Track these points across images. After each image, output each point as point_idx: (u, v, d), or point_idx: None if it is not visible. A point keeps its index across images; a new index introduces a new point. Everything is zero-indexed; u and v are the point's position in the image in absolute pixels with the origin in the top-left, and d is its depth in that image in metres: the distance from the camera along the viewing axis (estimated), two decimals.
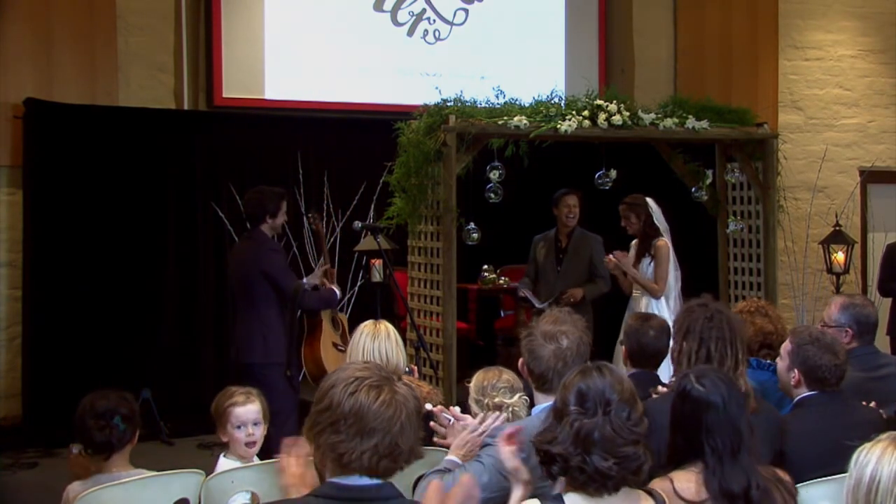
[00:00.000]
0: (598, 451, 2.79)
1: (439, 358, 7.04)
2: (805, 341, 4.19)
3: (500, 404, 4.02)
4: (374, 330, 4.48)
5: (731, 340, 3.91)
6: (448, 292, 7.02)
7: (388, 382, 2.65)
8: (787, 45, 10.63)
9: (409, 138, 7.09)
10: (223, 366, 8.87)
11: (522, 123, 7.01)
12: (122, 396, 4.10)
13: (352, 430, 2.59)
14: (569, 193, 7.86)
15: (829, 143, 10.49)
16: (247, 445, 4.28)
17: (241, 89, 9.30)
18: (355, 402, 2.60)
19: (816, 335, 4.22)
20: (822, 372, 4.13)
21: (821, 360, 4.13)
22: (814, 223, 9.75)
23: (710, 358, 3.87)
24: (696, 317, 3.97)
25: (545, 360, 3.55)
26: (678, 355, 4.00)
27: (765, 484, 3.10)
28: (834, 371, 4.14)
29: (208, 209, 8.70)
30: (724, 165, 8.24)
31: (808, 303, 9.21)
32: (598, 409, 2.82)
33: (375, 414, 2.58)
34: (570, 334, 3.59)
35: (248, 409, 4.30)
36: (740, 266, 8.23)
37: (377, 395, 2.60)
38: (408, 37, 10.04)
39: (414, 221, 7.24)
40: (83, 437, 4.01)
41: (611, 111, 7.26)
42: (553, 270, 7.79)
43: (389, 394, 2.61)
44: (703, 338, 3.91)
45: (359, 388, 2.61)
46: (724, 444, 3.09)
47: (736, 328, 3.95)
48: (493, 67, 9.87)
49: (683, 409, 3.14)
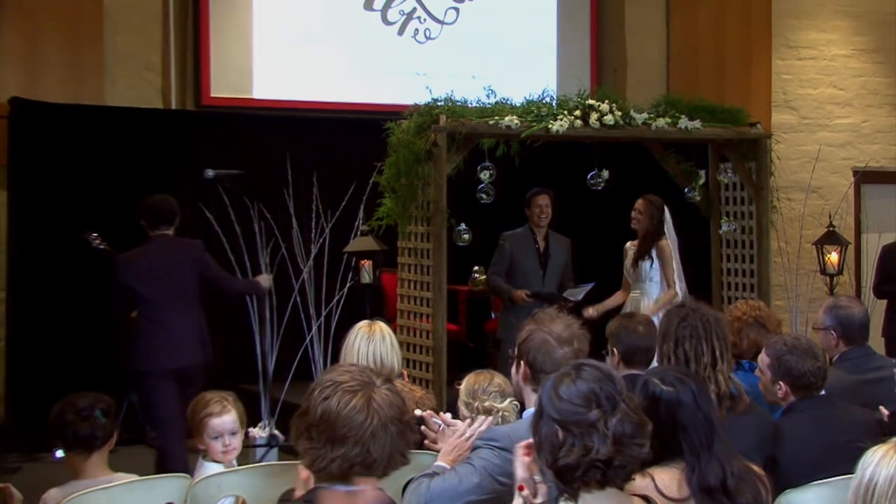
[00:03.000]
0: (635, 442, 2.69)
1: (429, 360, 7.05)
2: (782, 352, 4.19)
3: (489, 408, 4.02)
4: (370, 332, 4.47)
5: (706, 337, 3.93)
6: (438, 294, 7.01)
7: (365, 387, 2.58)
8: (781, 44, 10.63)
9: (399, 138, 7.09)
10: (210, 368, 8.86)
11: (514, 123, 7.01)
12: (100, 395, 4.10)
13: (322, 436, 2.53)
14: (540, 193, 7.86)
15: (823, 143, 10.49)
16: (223, 454, 4.26)
17: (229, 89, 9.30)
18: (326, 407, 2.54)
19: (791, 343, 4.23)
20: (807, 378, 4.14)
21: (804, 367, 4.14)
22: (807, 224, 9.74)
23: (687, 357, 3.91)
24: (672, 318, 4.02)
25: (560, 362, 3.47)
26: (660, 358, 4.05)
27: (739, 471, 3.10)
28: (818, 373, 4.16)
29: (196, 209, 8.67)
30: (716, 166, 8.24)
31: (802, 304, 9.19)
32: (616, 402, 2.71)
33: (345, 420, 2.52)
34: (580, 337, 3.61)
35: (224, 420, 4.26)
36: (733, 267, 8.23)
37: (349, 401, 2.54)
38: (398, 36, 10.04)
39: (404, 222, 7.24)
40: (64, 433, 3.98)
41: (603, 111, 7.26)
42: (536, 274, 7.80)
43: (363, 399, 2.55)
44: (678, 338, 3.95)
45: (333, 394, 2.55)
46: (700, 439, 3.09)
47: (712, 325, 3.97)
48: (484, 67, 9.87)
49: (658, 413, 3.11)
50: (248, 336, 8.31)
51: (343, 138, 9.37)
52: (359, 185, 8.40)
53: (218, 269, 7.15)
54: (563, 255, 7.93)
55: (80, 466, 3.99)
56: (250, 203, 8.30)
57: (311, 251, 8.30)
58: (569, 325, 3.62)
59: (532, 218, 7.85)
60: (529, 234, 7.89)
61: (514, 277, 7.83)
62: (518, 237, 7.91)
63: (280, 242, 8.33)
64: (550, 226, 7.94)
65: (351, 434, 2.52)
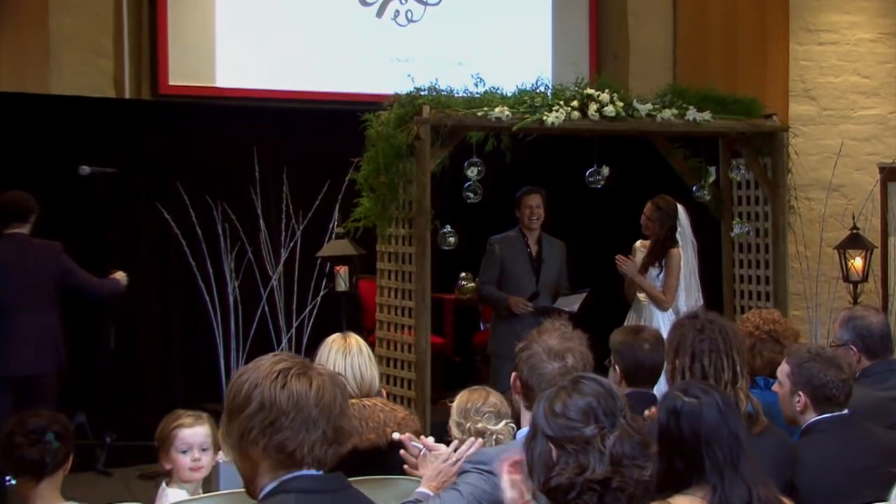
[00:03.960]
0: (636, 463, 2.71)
1: (411, 377, 7.05)
2: (804, 359, 4.21)
3: (482, 430, 4.03)
4: (345, 345, 4.48)
5: (726, 352, 3.94)
6: (421, 303, 7.03)
7: (310, 368, 2.77)
8: (799, 27, 10.67)
9: (377, 131, 7.10)
10: (168, 386, 8.86)
11: (504, 115, 7.03)
12: (55, 416, 4.10)
13: (295, 423, 2.68)
14: (530, 192, 7.86)
15: (846, 137, 10.52)
16: (191, 470, 4.28)
17: (189, 76, 9.29)
18: (291, 393, 2.70)
19: (816, 351, 4.25)
20: (829, 389, 4.15)
21: (826, 377, 4.15)
22: (828, 226, 9.77)
23: (706, 373, 3.90)
24: (686, 330, 4.01)
25: (547, 378, 3.53)
26: (671, 374, 4.03)
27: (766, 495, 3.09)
28: (842, 387, 4.17)
29: (152, 211, 8.67)
30: (728, 162, 8.27)
31: (823, 314, 9.23)
32: (616, 419, 2.74)
33: (315, 402, 2.70)
34: (577, 353, 3.60)
35: (195, 432, 4.30)
36: (746, 273, 8.26)
37: (309, 383, 2.72)
38: (377, 18, 10.05)
39: (383, 224, 7.25)
40: (11, 458, 3.98)
41: (603, 101, 7.29)
42: (529, 280, 7.82)
43: (319, 379, 2.74)
44: (695, 352, 3.95)
45: (287, 380, 2.71)
46: (725, 455, 3.06)
47: (731, 338, 3.98)
48: (471, 52, 9.89)
49: (680, 428, 3.12)
50: (211, 350, 8.33)
51: (316, 131, 9.38)
52: (333, 183, 8.42)
53: (79, 270, 7.38)
54: (558, 260, 7.95)
55: (28, 494, 4.00)
56: (213, 203, 8.31)
57: (281, 256, 8.33)
58: (566, 339, 3.63)
59: (522, 220, 7.86)
60: (520, 237, 7.91)
61: (504, 285, 7.84)
62: (508, 241, 7.92)
63: (246, 246, 8.35)
64: (543, 228, 7.96)
65: (323, 414, 2.71)
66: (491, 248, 7.92)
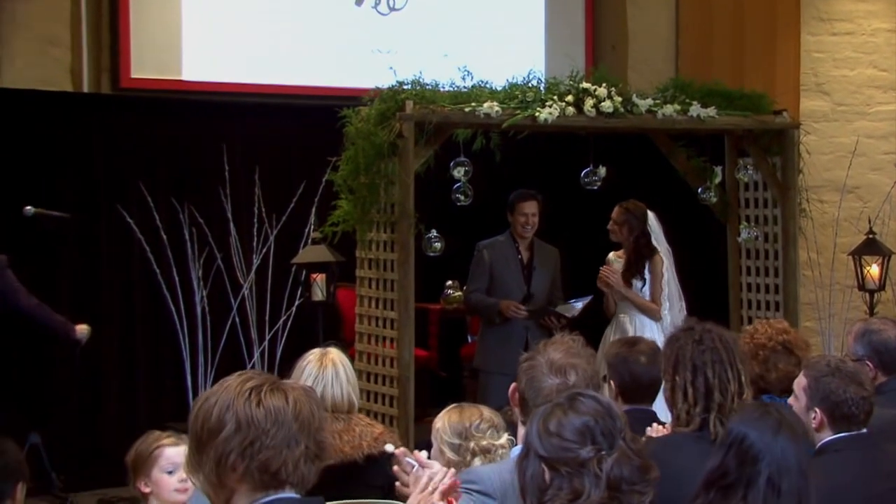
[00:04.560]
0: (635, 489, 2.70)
1: (393, 393, 7.05)
2: (823, 373, 4.20)
3: (488, 447, 4.02)
4: (320, 366, 4.47)
5: (729, 362, 3.95)
6: (405, 313, 7.03)
7: (280, 383, 2.80)
8: (811, 16, 10.70)
9: (357, 128, 7.10)
10: (131, 405, 8.82)
11: (494, 111, 7.03)
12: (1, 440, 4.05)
13: (276, 440, 2.70)
14: (526, 198, 7.81)
15: (862, 135, 10.55)
16: (177, 492, 4.26)
17: (153, 69, 9.27)
18: (268, 410, 2.71)
19: (836, 364, 4.23)
20: (848, 407, 4.14)
21: (845, 394, 4.14)
22: (842, 230, 9.80)
23: (710, 387, 3.90)
24: (684, 343, 4.01)
25: (544, 393, 3.51)
26: (671, 393, 4.02)
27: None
28: (862, 404, 4.15)
29: (113, 214, 8.64)
30: (735, 161, 8.30)
31: (836, 326, 9.25)
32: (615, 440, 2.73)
33: (294, 416, 2.72)
34: (581, 370, 3.57)
35: (180, 451, 4.26)
36: (755, 282, 8.28)
37: (285, 398, 2.74)
38: (356, 6, 10.03)
39: (363, 228, 7.25)
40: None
41: (599, 96, 7.29)
42: (520, 289, 7.81)
43: (294, 393, 2.76)
44: (697, 365, 3.95)
45: (261, 397, 2.73)
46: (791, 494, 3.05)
47: (732, 347, 3.99)
48: (458, 43, 9.88)
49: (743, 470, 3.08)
50: (177, 365, 8.30)
51: (290, 128, 9.37)
52: (309, 185, 8.41)
53: (23, 293, 7.32)
54: (551, 268, 7.95)
55: None
56: (179, 206, 8.29)
57: (253, 263, 8.31)
58: (571, 354, 3.60)
59: (515, 227, 7.84)
60: (511, 242, 7.89)
61: (493, 294, 7.83)
62: (497, 246, 7.91)
63: (215, 253, 8.33)
64: (536, 233, 7.96)
65: (304, 429, 2.73)
66: (479, 254, 7.91)
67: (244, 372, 2.87)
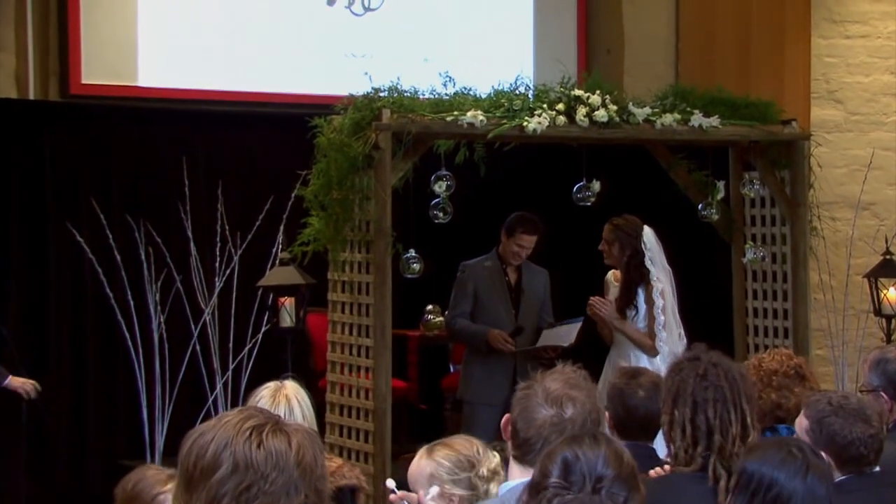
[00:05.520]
0: None
1: (369, 427, 7.06)
2: (825, 413, 4.21)
3: (497, 469, 4.04)
4: (274, 399, 4.49)
5: (733, 401, 3.95)
6: (381, 341, 7.06)
7: (284, 424, 2.75)
8: (823, 17, 10.76)
9: (329, 139, 7.12)
10: (80, 442, 8.81)
11: (478, 120, 7.07)
12: None
13: (276, 486, 2.66)
14: (530, 231, 7.75)
15: (878, 146, 10.60)
16: None
17: (106, 74, 9.28)
18: (269, 453, 2.66)
19: (838, 401, 4.24)
20: (856, 447, 4.16)
21: (852, 434, 4.15)
22: (857, 250, 9.84)
23: (710, 427, 3.92)
24: (686, 376, 4.02)
25: (537, 424, 3.53)
26: (670, 427, 4.04)
27: None
28: (871, 443, 4.17)
29: (63, 232, 8.66)
30: (739, 175, 8.34)
31: (850, 354, 9.27)
32: (585, 485, 2.78)
33: (297, 462, 2.66)
34: (579, 403, 3.57)
35: None
36: (761, 306, 8.31)
37: (288, 441, 2.69)
38: (328, 6, 10.08)
39: (336, 248, 7.27)
40: None
41: (593, 104, 7.33)
42: (508, 313, 7.81)
43: (297, 436, 2.71)
44: (698, 401, 3.96)
45: (263, 438, 2.69)
46: None
47: (739, 384, 4.00)
48: (439, 46, 9.93)
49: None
50: (131, 397, 8.30)
51: (257, 139, 9.40)
52: (277, 200, 8.44)
53: None
54: (540, 291, 7.95)
55: None
56: (135, 223, 8.30)
57: (216, 286, 8.31)
58: (570, 385, 3.60)
59: (506, 252, 7.81)
60: (497, 263, 7.87)
61: (479, 319, 7.80)
62: (483, 268, 7.88)
63: (174, 274, 8.34)
64: None
65: (306, 475, 2.67)
66: (463, 275, 7.90)
67: (245, 408, 2.84)
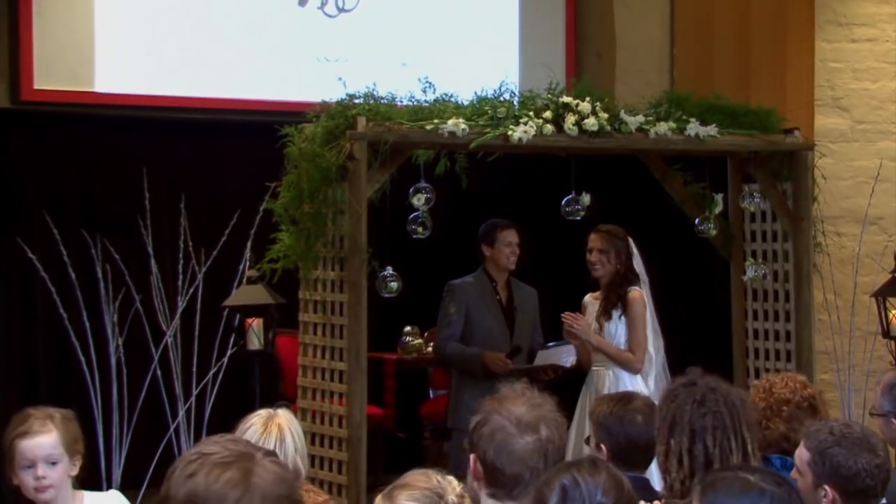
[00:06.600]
0: None
1: (342, 457, 7.06)
2: (828, 444, 4.18)
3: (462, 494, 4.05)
4: (265, 429, 4.49)
5: (734, 429, 3.98)
6: (355, 364, 7.06)
7: (242, 459, 2.68)
8: (827, 20, 10.80)
9: (300, 149, 7.13)
10: None
11: (460, 129, 7.08)
12: None
13: None
14: (507, 226, 7.78)
15: (885, 157, 10.64)
16: (36, 491, 4.30)
17: (61, 79, 9.28)
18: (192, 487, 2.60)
19: (840, 430, 4.18)
20: (862, 479, 4.14)
21: (857, 465, 4.13)
22: (864, 268, 9.86)
23: (710, 456, 3.93)
24: (682, 402, 4.04)
25: (519, 456, 3.57)
26: (665, 458, 4.05)
27: None
28: (877, 474, 4.16)
29: (14, 247, 8.66)
30: (739, 188, 8.38)
31: (857, 378, 9.30)
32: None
33: (217, 499, 2.60)
34: (550, 422, 3.63)
35: (37, 443, 4.31)
36: (762, 327, 8.33)
37: (219, 475, 2.63)
38: (299, 7, 10.10)
39: (308, 265, 7.27)
40: None
41: (582, 112, 7.36)
42: (503, 334, 7.78)
43: (238, 472, 2.65)
44: (696, 430, 3.98)
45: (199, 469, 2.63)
46: None
47: (739, 410, 4.02)
48: (418, 50, 9.95)
49: None
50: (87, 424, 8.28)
51: (223, 149, 9.42)
52: (244, 214, 8.44)
53: None
54: (531, 310, 7.95)
55: None
56: (91, 238, 8.30)
57: (178, 306, 8.32)
58: (535, 406, 3.66)
59: (498, 259, 7.76)
60: (487, 281, 7.84)
61: (471, 342, 7.76)
62: (473, 286, 7.83)
63: (133, 294, 8.34)
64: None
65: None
66: (451, 294, 7.81)
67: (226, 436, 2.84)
